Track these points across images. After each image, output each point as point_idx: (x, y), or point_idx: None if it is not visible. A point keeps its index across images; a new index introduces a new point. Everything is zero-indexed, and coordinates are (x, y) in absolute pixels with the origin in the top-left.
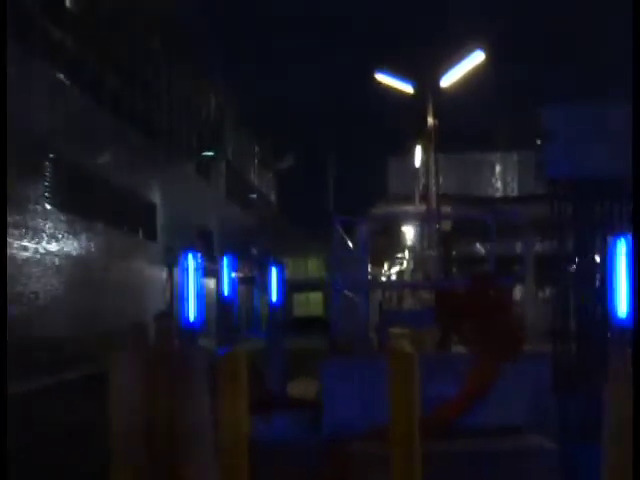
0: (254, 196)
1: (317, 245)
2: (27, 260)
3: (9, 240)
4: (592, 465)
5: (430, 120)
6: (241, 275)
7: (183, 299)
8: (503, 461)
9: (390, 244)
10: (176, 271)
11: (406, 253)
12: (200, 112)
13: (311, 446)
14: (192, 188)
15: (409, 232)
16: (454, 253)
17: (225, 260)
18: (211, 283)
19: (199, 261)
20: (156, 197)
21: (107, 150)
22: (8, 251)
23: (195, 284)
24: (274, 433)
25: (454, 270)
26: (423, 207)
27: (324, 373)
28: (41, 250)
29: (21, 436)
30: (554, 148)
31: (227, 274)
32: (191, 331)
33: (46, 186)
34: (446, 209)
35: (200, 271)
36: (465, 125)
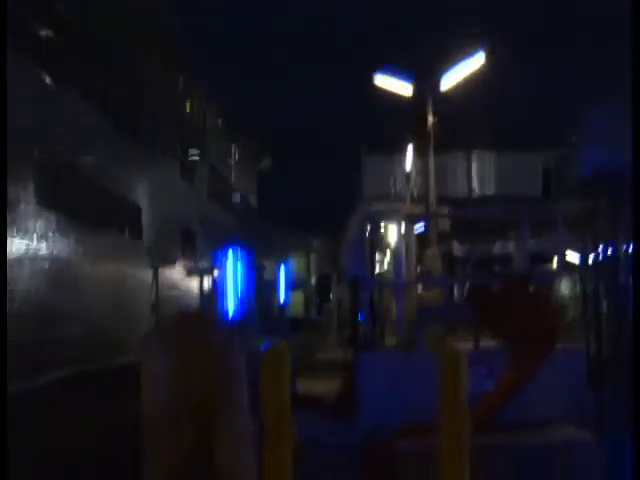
0: (237, 197)
1: (299, 245)
2: (18, 260)
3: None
4: (629, 456)
5: (430, 120)
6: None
7: (222, 295)
8: (542, 454)
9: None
10: (161, 271)
11: (387, 253)
12: (184, 113)
13: (347, 444)
14: (176, 189)
15: (391, 232)
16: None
17: (257, 265)
18: (194, 283)
19: (239, 257)
20: (141, 198)
21: (94, 151)
22: None
23: (234, 280)
24: (302, 432)
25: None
26: (418, 207)
27: (362, 369)
28: (31, 250)
29: None
30: (591, 146)
31: (260, 275)
32: (232, 326)
33: (35, 186)
34: (444, 209)
35: (239, 267)
36: (450, 126)
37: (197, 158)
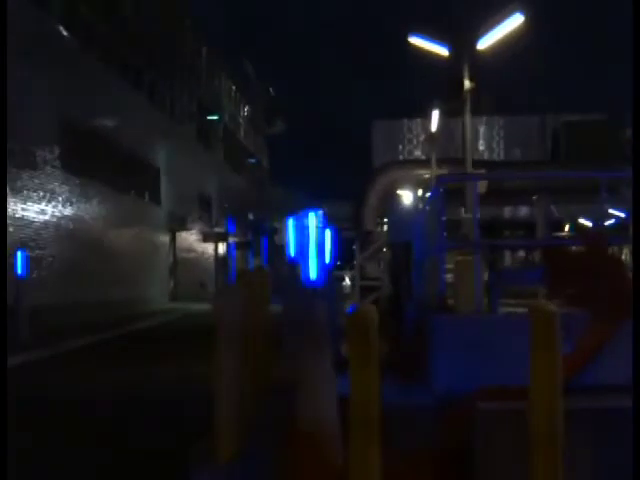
0: (253, 160)
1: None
2: (45, 224)
3: (28, 204)
4: None
5: (467, 83)
6: (237, 240)
7: (304, 257)
8: (620, 419)
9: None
10: (179, 235)
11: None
12: (200, 76)
13: (424, 405)
14: (192, 152)
15: (406, 197)
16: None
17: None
18: (209, 247)
19: (320, 219)
20: (160, 161)
21: (114, 115)
22: (24, 214)
23: (316, 242)
24: None
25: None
26: (441, 171)
27: (436, 330)
28: (57, 214)
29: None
30: None
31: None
32: (313, 288)
33: (60, 150)
34: (479, 172)
35: (321, 229)
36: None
37: (218, 120)
